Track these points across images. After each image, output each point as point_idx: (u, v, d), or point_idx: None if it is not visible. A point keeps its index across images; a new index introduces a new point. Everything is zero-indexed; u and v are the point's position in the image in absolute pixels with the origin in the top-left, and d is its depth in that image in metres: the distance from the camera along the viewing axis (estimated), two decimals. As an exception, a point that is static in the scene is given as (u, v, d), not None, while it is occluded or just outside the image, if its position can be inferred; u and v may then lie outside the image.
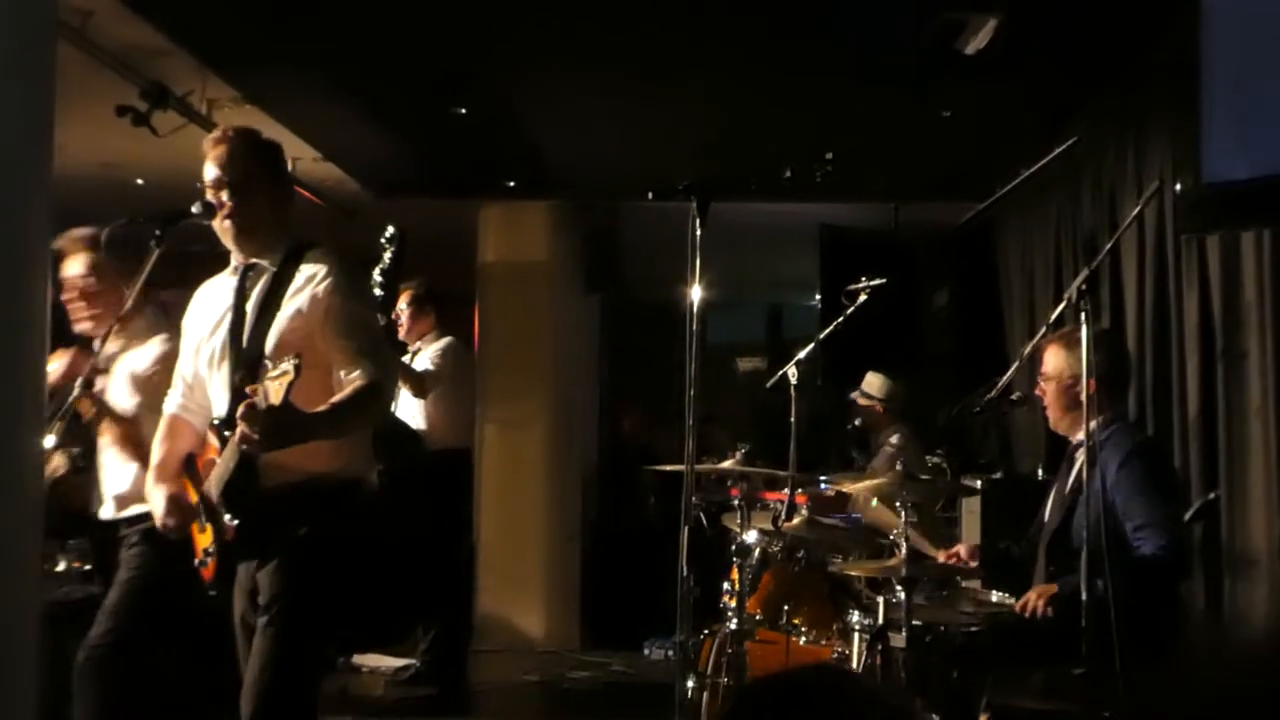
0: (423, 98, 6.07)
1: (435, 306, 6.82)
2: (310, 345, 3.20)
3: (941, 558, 4.44)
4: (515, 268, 8.23)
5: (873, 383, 7.05)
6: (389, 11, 4.99)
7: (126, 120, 5.38)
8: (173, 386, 3.59)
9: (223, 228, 3.38)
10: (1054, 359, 4.17)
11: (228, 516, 3.21)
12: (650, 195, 4.31)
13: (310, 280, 3.30)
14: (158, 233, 3.53)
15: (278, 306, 3.29)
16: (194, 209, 3.56)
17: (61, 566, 5.07)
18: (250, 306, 3.34)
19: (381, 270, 5.80)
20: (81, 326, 4.21)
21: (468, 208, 8.28)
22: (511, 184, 7.83)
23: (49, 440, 3.76)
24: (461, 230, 8.20)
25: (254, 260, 3.40)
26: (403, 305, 6.62)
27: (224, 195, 3.35)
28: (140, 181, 7.40)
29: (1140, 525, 3.85)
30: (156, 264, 3.59)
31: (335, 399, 3.20)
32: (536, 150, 7.14)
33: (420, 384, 6.46)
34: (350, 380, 3.22)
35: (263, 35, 5.25)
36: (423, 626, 6.77)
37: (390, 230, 5.72)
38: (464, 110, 6.15)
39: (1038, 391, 4.27)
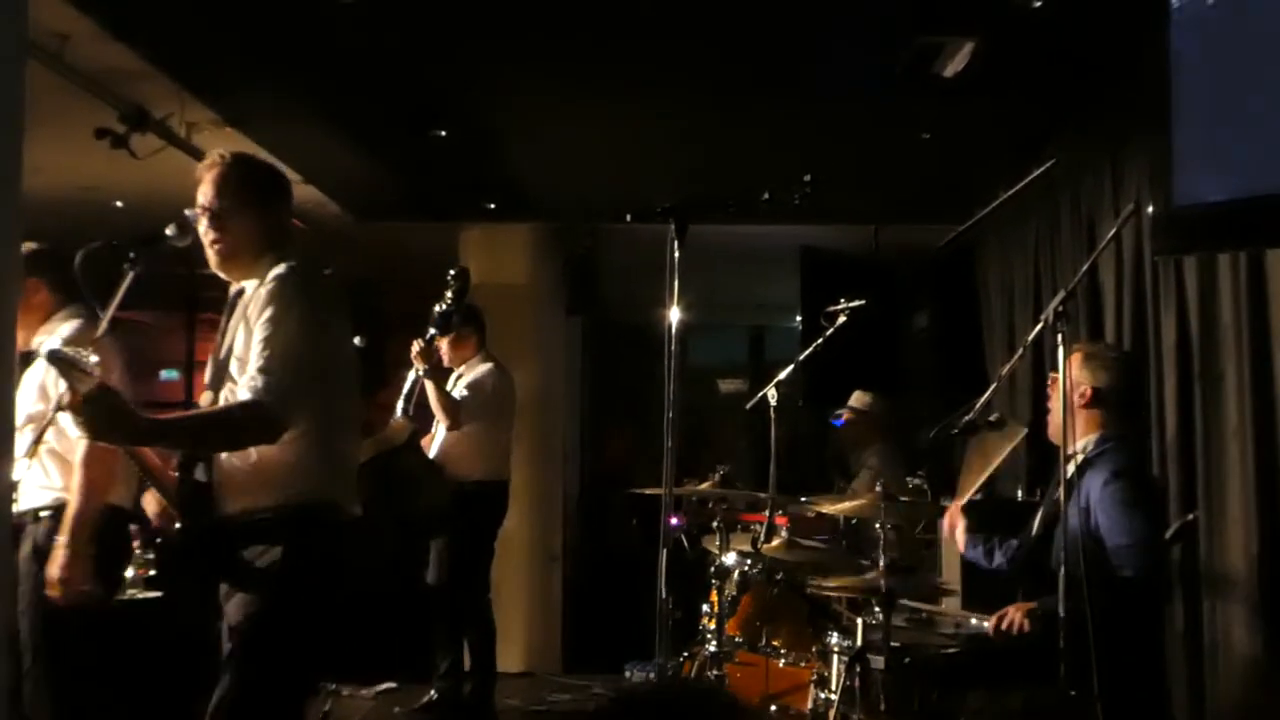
0: (403, 120, 6.07)
1: (476, 328, 6.60)
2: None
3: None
4: (496, 289, 8.21)
5: (860, 398, 7.10)
6: (369, 35, 5.00)
7: (105, 143, 5.37)
8: None
9: (210, 253, 3.36)
10: (1071, 366, 4.11)
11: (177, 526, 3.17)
12: (629, 217, 4.32)
13: (257, 291, 3.23)
14: (132, 255, 3.52)
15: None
16: (168, 231, 3.56)
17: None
18: (231, 327, 3.30)
19: (442, 307, 5.76)
20: None
21: (448, 230, 8.28)
22: (492, 206, 7.84)
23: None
24: (442, 252, 8.20)
25: (242, 284, 3.37)
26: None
27: (206, 222, 3.33)
28: (119, 204, 7.39)
29: (1121, 545, 3.86)
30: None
31: (203, 410, 3.14)
32: (516, 173, 7.15)
33: (455, 415, 6.23)
34: (240, 393, 3.09)
35: (242, 59, 5.25)
36: (439, 654, 6.62)
37: (454, 270, 5.71)
38: (444, 133, 6.16)
39: (1049, 388, 4.26)
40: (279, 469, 3.14)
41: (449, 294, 5.68)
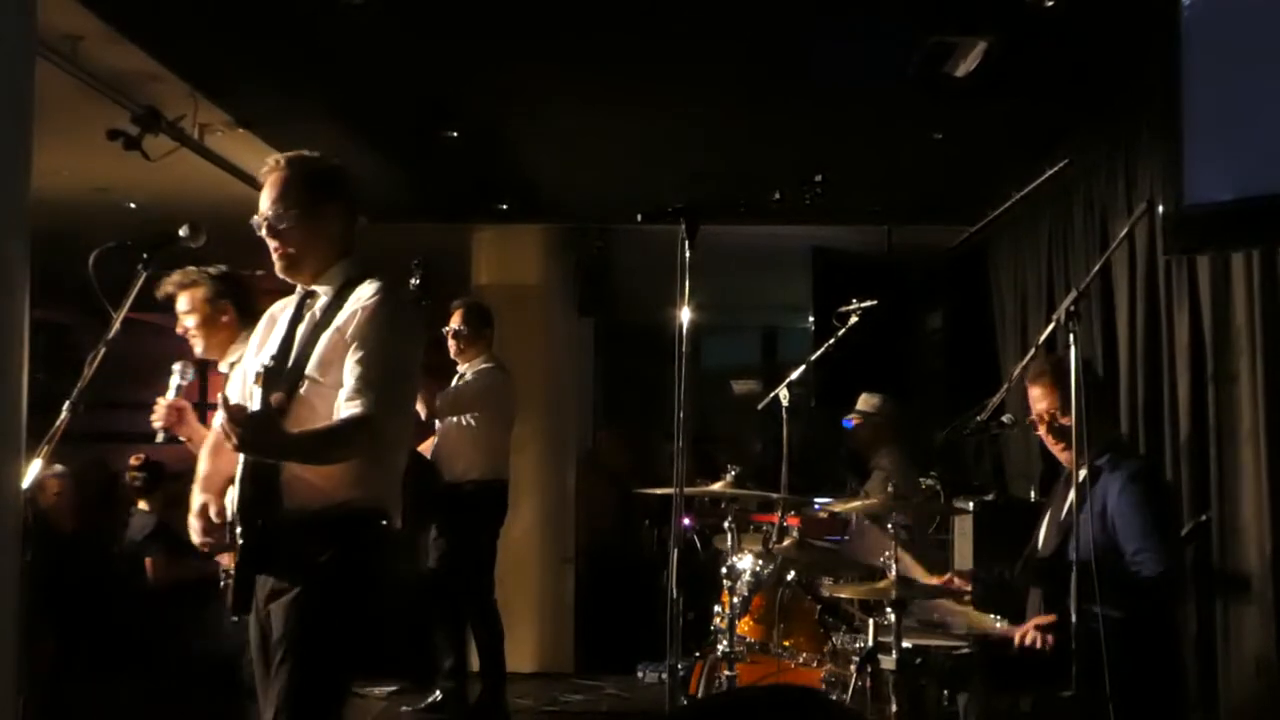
0: (414, 121, 6.08)
1: (488, 329, 6.65)
2: (341, 363, 3.18)
3: (934, 584, 4.44)
4: (508, 290, 8.23)
5: (867, 400, 7.07)
6: (380, 36, 5.01)
7: (118, 144, 5.38)
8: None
9: (274, 259, 3.33)
10: (1038, 398, 4.20)
11: (239, 531, 3.17)
12: (639, 218, 4.32)
13: (356, 300, 3.24)
14: (145, 256, 3.53)
15: (327, 328, 3.24)
16: (182, 232, 3.57)
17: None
18: (301, 329, 3.29)
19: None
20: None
21: (461, 231, 8.29)
22: (504, 207, 7.84)
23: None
24: (455, 253, 8.21)
25: (312, 287, 3.35)
26: (457, 325, 6.48)
27: (266, 230, 3.29)
28: (133, 205, 7.41)
29: (1140, 549, 3.86)
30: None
31: (322, 425, 3.15)
32: (528, 173, 7.15)
33: (429, 404, 6.22)
34: (348, 407, 3.14)
35: (253, 60, 5.26)
36: (441, 654, 6.62)
37: (416, 260, 5.74)
38: (455, 134, 6.16)
39: (1036, 428, 4.29)
40: (335, 472, 3.15)
41: (413, 281, 5.72)
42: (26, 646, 4.14)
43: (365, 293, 3.24)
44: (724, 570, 4.80)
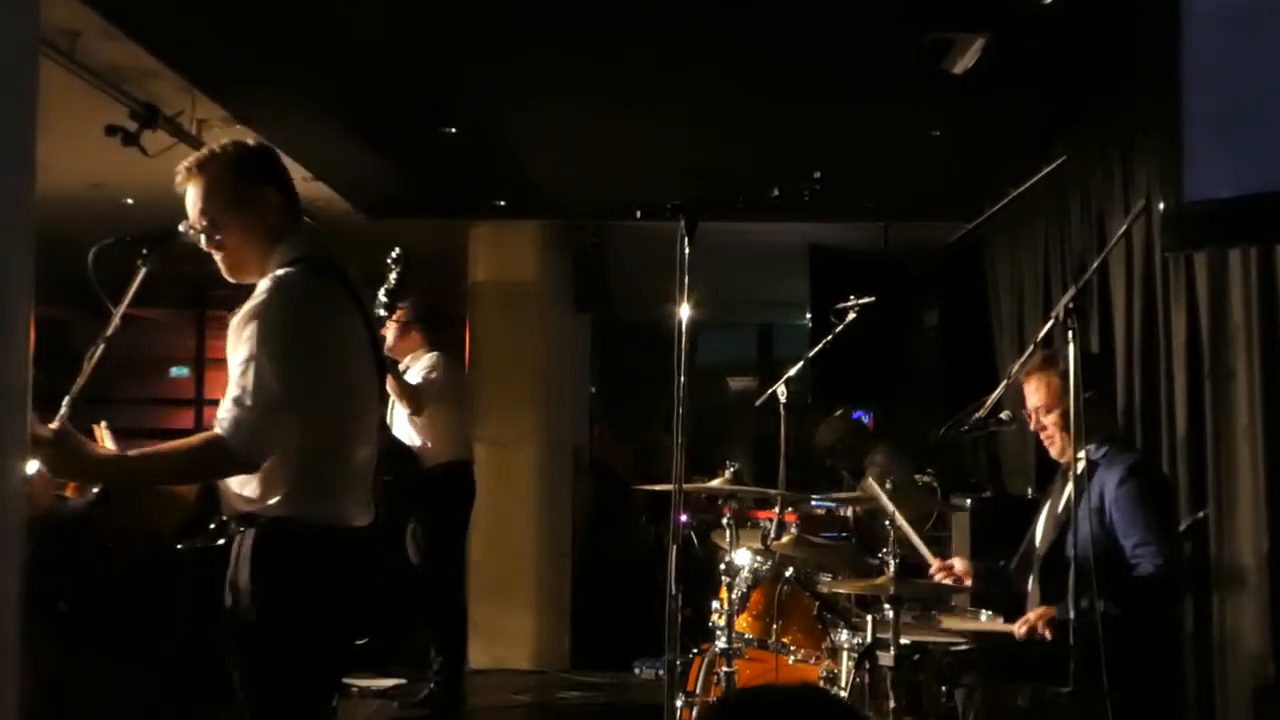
0: (412, 117, 6.08)
1: (424, 326, 6.71)
2: None
3: (935, 565, 4.45)
4: (505, 287, 8.23)
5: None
6: (378, 32, 5.01)
7: (116, 140, 5.38)
8: None
9: (220, 266, 3.23)
10: (1030, 394, 4.20)
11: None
12: (638, 214, 4.32)
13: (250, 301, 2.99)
14: (145, 252, 3.53)
15: None
16: (180, 228, 3.57)
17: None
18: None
19: (386, 290, 5.81)
20: None
21: (458, 227, 8.29)
22: (501, 203, 7.85)
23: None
24: (452, 249, 8.21)
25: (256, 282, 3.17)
26: (390, 324, 6.49)
27: (205, 239, 3.17)
28: (130, 201, 7.40)
29: (1140, 543, 3.87)
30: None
31: (164, 445, 2.97)
32: (526, 170, 7.15)
33: (416, 400, 6.36)
34: (211, 427, 2.90)
35: (251, 56, 5.26)
36: (433, 648, 6.67)
37: (396, 252, 5.75)
38: (453, 130, 6.16)
39: (1030, 424, 4.29)
40: (250, 481, 2.97)
41: (391, 277, 5.74)
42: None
43: (259, 289, 2.99)
44: (722, 566, 4.81)
